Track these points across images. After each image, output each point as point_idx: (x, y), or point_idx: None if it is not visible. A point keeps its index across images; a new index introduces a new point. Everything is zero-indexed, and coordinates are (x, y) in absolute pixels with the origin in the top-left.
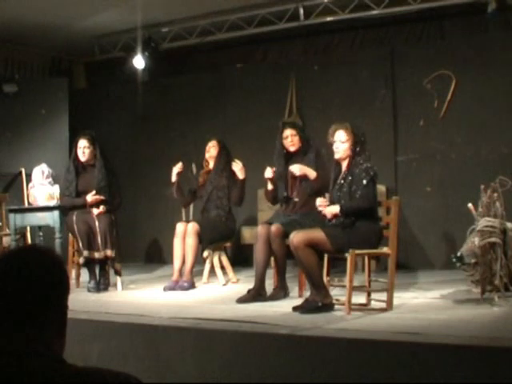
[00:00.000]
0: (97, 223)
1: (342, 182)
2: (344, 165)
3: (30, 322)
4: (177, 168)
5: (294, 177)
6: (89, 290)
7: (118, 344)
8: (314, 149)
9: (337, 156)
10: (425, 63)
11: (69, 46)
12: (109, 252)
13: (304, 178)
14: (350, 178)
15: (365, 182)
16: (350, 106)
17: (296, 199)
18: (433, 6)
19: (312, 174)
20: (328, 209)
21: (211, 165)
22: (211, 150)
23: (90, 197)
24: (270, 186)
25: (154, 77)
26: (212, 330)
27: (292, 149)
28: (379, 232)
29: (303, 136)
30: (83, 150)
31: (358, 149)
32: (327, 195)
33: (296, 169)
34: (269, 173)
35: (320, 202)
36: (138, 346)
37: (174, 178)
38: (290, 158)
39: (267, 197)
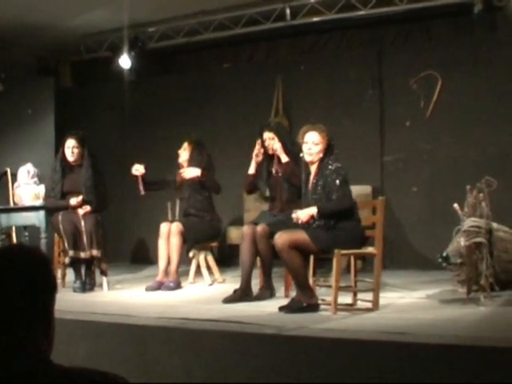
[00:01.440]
0: (82, 223)
1: (315, 184)
2: (313, 167)
3: (16, 322)
4: (136, 170)
5: (277, 177)
6: (74, 290)
7: (105, 344)
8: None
9: (308, 158)
10: (411, 64)
11: (55, 45)
12: (95, 252)
13: (287, 176)
14: (321, 180)
15: (338, 182)
16: (337, 107)
17: (283, 198)
18: (419, 6)
19: (284, 157)
20: (304, 211)
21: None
22: (183, 154)
23: (75, 201)
24: (252, 170)
25: (141, 76)
26: (198, 330)
27: (271, 152)
28: (362, 232)
29: (283, 139)
30: (72, 149)
31: (331, 153)
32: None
33: (276, 144)
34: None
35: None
36: (125, 345)
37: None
38: (272, 158)
39: (247, 184)
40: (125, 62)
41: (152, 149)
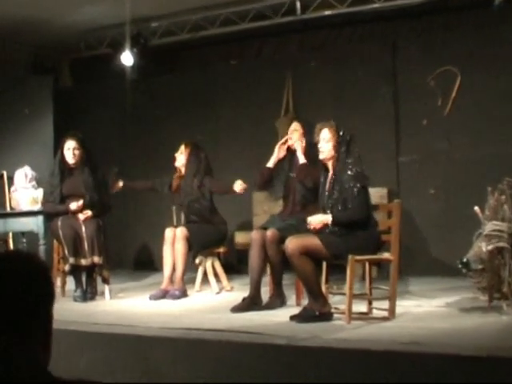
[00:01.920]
0: (83, 228)
1: (332, 188)
2: (330, 167)
3: (12, 332)
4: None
5: (292, 178)
6: (75, 300)
7: (106, 356)
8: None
9: (321, 156)
10: (428, 59)
11: (53, 41)
12: (96, 259)
13: (302, 178)
14: (338, 185)
15: (355, 190)
16: (350, 105)
17: (295, 200)
18: None
19: (302, 158)
20: (318, 217)
21: (183, 171)
22: (179, 157)
23: (75, 205)
24: (270, 164)
25: (143, 74)
26: (205, 341)
27: (293, 147)
28: (377, 237)
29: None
30: (73, 151)
31: (342, 149)
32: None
33: (296, 144)
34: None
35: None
36: (127, 357)
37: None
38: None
39: (261, 176)
40: (127, 59)
41: (154, 150)
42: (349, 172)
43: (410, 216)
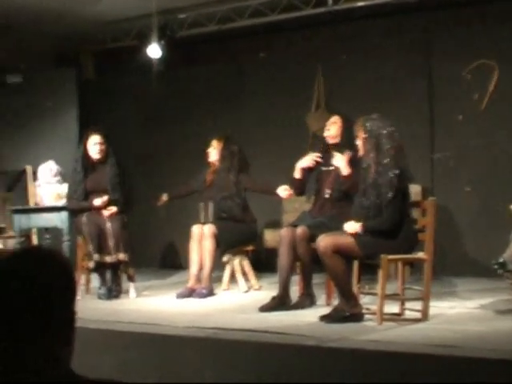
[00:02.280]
0: (108, 225)
1: (367, 192)
2: (369, 166)
3: (34, 329)
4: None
5: (329, 172)
6: (99, 297)
7: (131, 355)
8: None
9: (359, 153)
10: (464, 52)
11: (77, 33)
12: (121, 255)
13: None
14: (375, 189)
15: (389, 195)
16: (382, 99)
17: (326, 195)
18: None
19: (345, 169)
20: (350, 225)
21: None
22: (212, 153)
23: (99, 201)
24: (297, 175)
25: (169, 67)
26: (232, 341)
27: (330, 140)
28: (414, 236)
29: (346, 128)
30: (99, 146)
31: (369, 147)
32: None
33: (336, 159)
34: (307, 161)
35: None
36: (152, 357)
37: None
38: (327, 149)
39: (293, 186)
40: (154, 51)
41: (179, 144)
42: (386, 177)
43: (445, 214)
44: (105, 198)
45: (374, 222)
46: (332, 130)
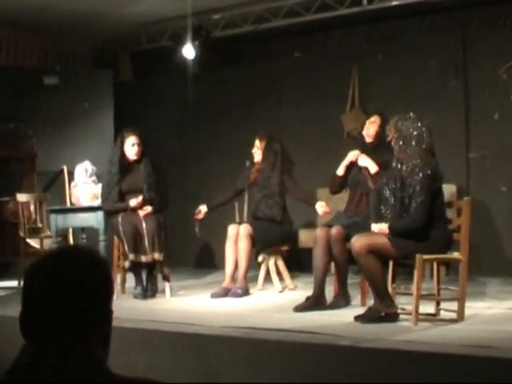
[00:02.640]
0: (144, 225)
1: (397, 189)
2: (399, 166)
3: (71, 328)
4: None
5: (362, 175)
6: (135, 297)
7: (166, 354)
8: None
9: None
10: (500, 51)
11: (113, 34)
12: (156, 255)
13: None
14: (404, 190)
15: (419, 198)
16: (418, 99)
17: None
18: None
19: (373, 167)
20: (377, 226)
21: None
22: (256, 153)
23: (135, 202)
24: (341, 172)
25: (205, 68)
26: (267, 341)
27: (367, 139)
28: (449, 236)
29: (383, 127)
30: (136, 147)
31: (397, 147)
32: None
33: (361, 159)
34: (353, 155)
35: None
36: (188, 356)
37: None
38: (363, 148)
39: (333, 183)
40: (188, 52)
41: (216, 146)
42: (416, 177)
43: (481, 214)
44: (140, 198)
45: (402, 222)
46: (371, 129)
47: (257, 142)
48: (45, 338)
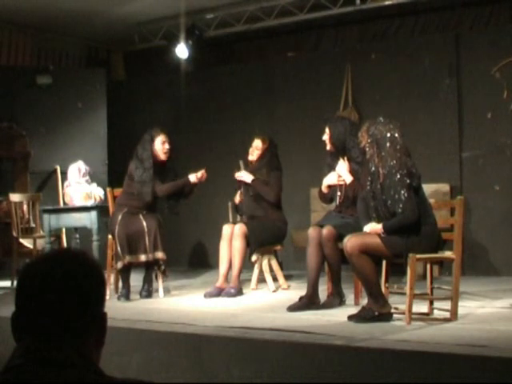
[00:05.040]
0: (145, 224)
1: (377, 192)
2: (376, 170)
3: (63, 330)
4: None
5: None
6: (118, 298)
7: (160, 354)
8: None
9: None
10: (493, 50)
11: (106, 34)
12: (160, 254)
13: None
14: (385, 192)
15: (403, 194)
16: (411, 98)
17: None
18: None
19: (347, 178)
20: (370, 227)
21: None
22: (255, 152)
23: (194, 177)
24: (325, 190)
25: (198, 67)
26: (260, 340)
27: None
28: (438, 235)
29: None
30: (167, 145)
31: (372, 150)
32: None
33: (340, 168)
34: (334, 180)
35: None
36: (181, 356)
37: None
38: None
39: (322, 198)
40: (182, 51)
41: (209, 146)
42: (394, 178)
43: (474, 213)
44: (201, 172)
45: (395, 220)
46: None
47: (257, 143)
48: (37, 340)
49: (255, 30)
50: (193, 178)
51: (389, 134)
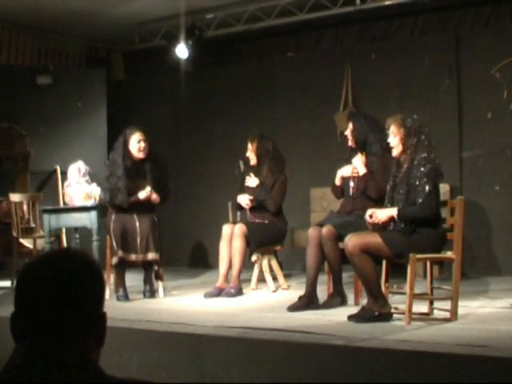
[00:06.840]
0: (137, 224)
1: (403, 183)
2: (403, 162)
3: (63, 330)
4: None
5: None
6: (118, 299)
7: (160, 354)
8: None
9: (394, 153)
10: (493, 50)
11: (107, 34)
12: (151, 255)
13: (362, 190)
14: (410, 181)
15: (427, 189)
16: (411, 98)
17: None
18: None
19: (361, 170)
20: (384, 211)
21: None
22: (251, 158)
23: (144, 194)
24: (338, 182)
25: (198, 67)
26: (260, 340)
27: (350, 143)
28: (442, 235)
29: (359, 130)
30: (143, 143)
31: (410, 142)
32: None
33: (356, 160)
34: (348, 172)
35: (370, 212)
36: (181, 356)
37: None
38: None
39: (334, 191)
40: (182, 51)
41: (209, 145)
42: (422, 169)
43: (474, 213)
44: (148, 189)
45: (411, 209)
46: (348, 136)
47: (249, 145)
48: (37, 340)
49: (255, 30)
50: (142, 195)
51: (427, 128)
